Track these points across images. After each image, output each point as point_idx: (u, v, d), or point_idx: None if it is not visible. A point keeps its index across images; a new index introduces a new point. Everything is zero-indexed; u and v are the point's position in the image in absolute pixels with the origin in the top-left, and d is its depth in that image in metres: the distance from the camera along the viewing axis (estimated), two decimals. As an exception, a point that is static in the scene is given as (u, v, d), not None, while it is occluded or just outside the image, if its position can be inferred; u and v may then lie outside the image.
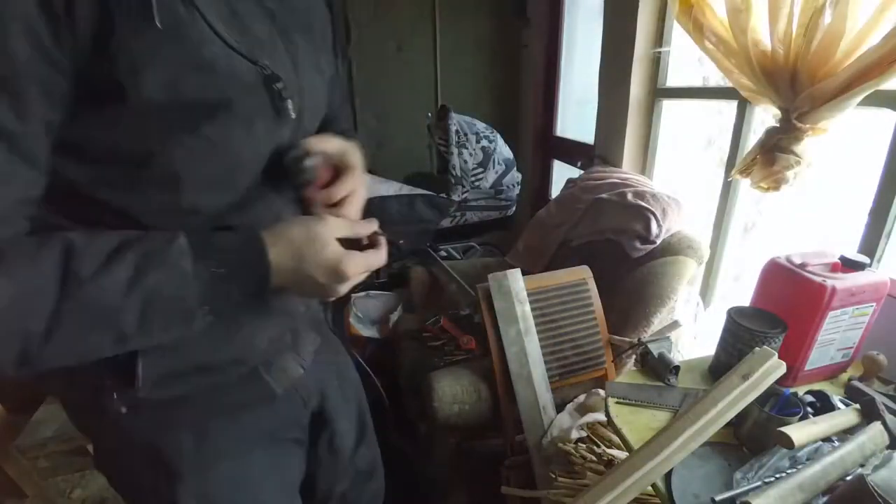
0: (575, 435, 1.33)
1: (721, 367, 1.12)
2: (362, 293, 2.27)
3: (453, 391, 1.48)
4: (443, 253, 2.41)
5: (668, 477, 0.87)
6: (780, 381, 1.07)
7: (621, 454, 1.17)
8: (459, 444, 1.59)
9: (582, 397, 1.44)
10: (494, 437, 1.54)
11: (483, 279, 1.44)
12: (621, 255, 1.69)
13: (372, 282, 2.37)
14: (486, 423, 1.51)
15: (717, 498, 0.83)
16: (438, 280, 2.13)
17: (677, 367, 1.10)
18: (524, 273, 1.46)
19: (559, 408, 1.43)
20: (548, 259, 2.01)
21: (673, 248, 1.60)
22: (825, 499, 0.78)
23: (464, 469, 1.62)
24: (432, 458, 1.67)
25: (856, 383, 1.06)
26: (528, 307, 1.41)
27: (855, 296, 1.02)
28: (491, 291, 1.40)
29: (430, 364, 1.70)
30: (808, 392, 1.03)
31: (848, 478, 0.80)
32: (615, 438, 1.14)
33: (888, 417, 0.90)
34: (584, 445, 1.30)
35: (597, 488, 0.79)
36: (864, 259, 1.04)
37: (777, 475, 0.82)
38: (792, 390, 0.96)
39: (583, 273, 1.52)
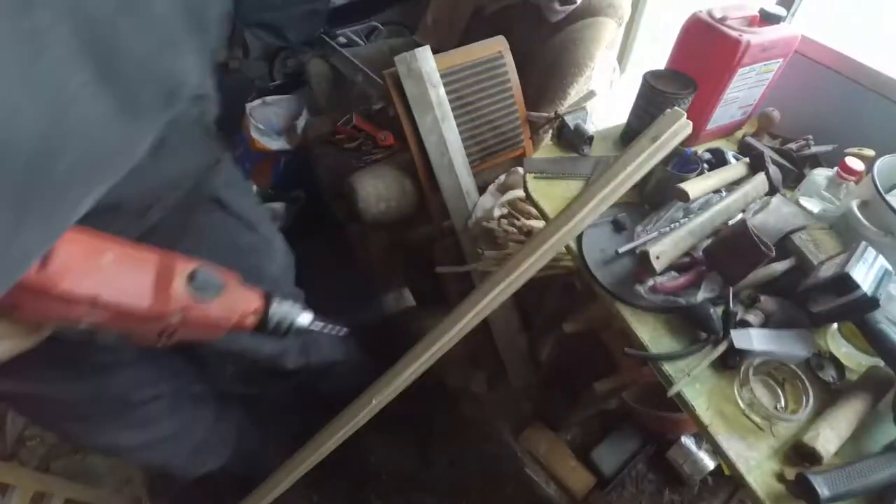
0: (497, 213, 1.40)
1: (633, 133, 1.15)
2: (256, 101, 1.99)
3: (377, 190, 1.46)
4: (342, 39, 2.08)
5: (579, 237, 0.96)
6: (683, 142, 1.13)
7: (539, 224, 1.26)
8: (391, 237, 1.65)
9: (502, 177, 1.48)
10: (423, 227, 1.60)
11: (392, 65, 1.28)
12: (538, 21, 1.55)
13: (265, 86, 2.07)
14: (414, 215, 1.55)
15: (620, 249, 0.93)
16: (342, 73, 1.89)
17: (591, 137, 1.12)
18: (435, 52, 1.31)
19: (481, 190, 1.47)
20: (460, 33, 1.81)
21: (593, 9, 1.47)
22: (710, 240, 0.90)
23: (400, 260, 1.72)
24: (368, 256, 1.74)
25: (749, 139, 1.14)
26: (442, 91, 1.31)
27: (766, 51, 1.02)
28: (400, 77, 1.26)
29: (349, 167, 1.63)
30: (707, 150, 1.10)
31: (731, 222, 0.91)
32: (534, 211, 1.21)
33: (771, 168, 0.99)
34: (505, 221, 1.39)
35: (518, 255, 0.86)
36: (781, 11, 1.02)
37: (672, 225, 0.92)
38: (693, 149, 1.02)
39: (498, 45, 1.40)
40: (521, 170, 1.27)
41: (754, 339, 0.80)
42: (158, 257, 0.53)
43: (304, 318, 0.63)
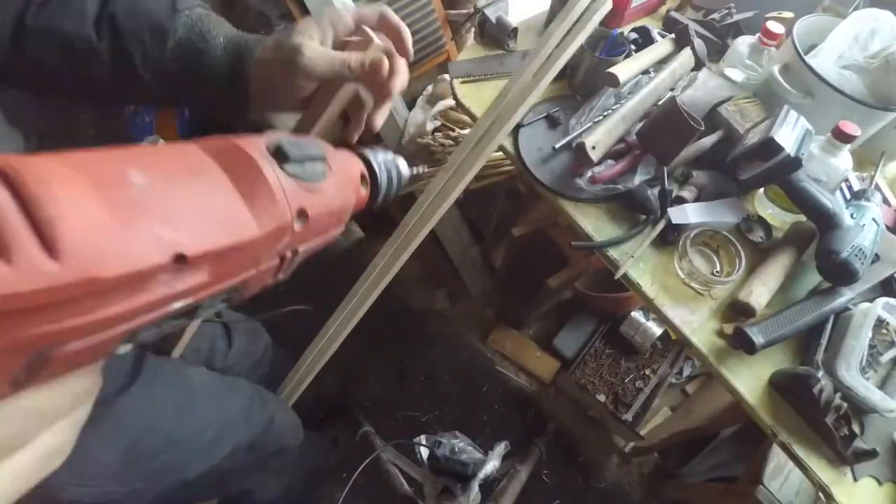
0: (430, 126, 1.34)
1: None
2: None
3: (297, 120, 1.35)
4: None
5: (515, 139, 0.93)
6: (607, 24, 1.08)
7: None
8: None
9: (429, 88, 1.40)
10: (356, 152, 1.52)
11: (284, -27, 1.13)
12: None
13: None
14: (343, 145, 1.46)
15: (557, 145, 0.92)
16: (233, -11, 1.66)
17: (515, 29, 1.06)
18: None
19: (410, 105, 1.39)
20: (359, -74, 1.60)
21: None
22: (642, 123, 0.90)
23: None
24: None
25: (673, 14, 1.11)
26: (349, -2, 1.18)
27: None
28: (299, -13, 1.12)
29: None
30: (633, 30, 1.06)
31: (661, 102, 0.91)
32: (468, 119, 1.16)
33: (696, 42, 0.98)
34: (440, 134, 1.34)
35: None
36: None
37: (605, 113, 0.91)
38: (619, 30, 0.98)
39: (402, -64, 1.25)
40: (447, 76, 1.20)
41: (689, 213, 0.84)
42: (205, 146, 0.32)
43: (402, 163, 0.48)
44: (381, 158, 0.45)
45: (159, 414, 0.71)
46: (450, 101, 1.32)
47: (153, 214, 0.25)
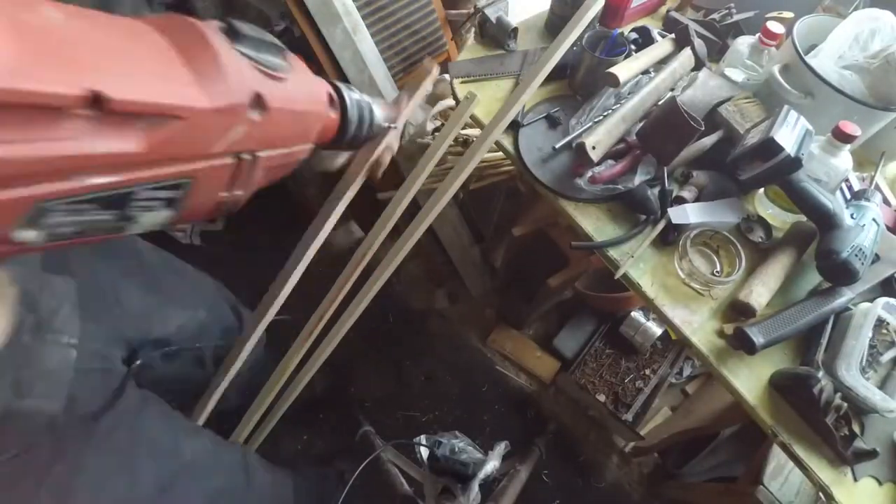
0: (430, 127, 1.34)
1: (557, 20, 1.09)
2: None
3: (298, 120, 1.35)
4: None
5: (515, 139, 0.93)
6: (608, 24, 1.08)
7: (476, 132, 1.22)
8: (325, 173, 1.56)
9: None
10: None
11: (285, -27, 1.13)
12: None
13: None
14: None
15: (557, 145, 0.92)
16: (233, -10, 1.66)
17: (515, 30, 1.06)
18: (332, -48, 1.15)
19: (410, 105, 1.39)
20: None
21: None
22: (643, 123, 0.90)
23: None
24: (305, 196, 1.66)
25: (673, 14, 1.11)
26: (349, -2, 1.18)
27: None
28: (299, -13, 1.12)
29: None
30: (633, 30, 1.07)
31: (661, 102, 0.91)
32: (467, 119, 1.16)
33: (696, 42, 0.98)
34: (440, 134, 1.34)
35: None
36: None
37: (605, 113, 0.91)
38: (619, 30, 0.98)
39: (402, -64, 1.24)
40: (447, 76, 1.20)
41: (690, 213, 0.84)
42: (148, 20, 0.27)
43: (378, 109, 0.47)
44: (356, 96, 0.45)
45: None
46: (450, 101, 1.32)
47: (67, 48, 0.20)
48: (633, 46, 1.00)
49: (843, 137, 0.79)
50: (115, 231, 0.24)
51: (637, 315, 1.48)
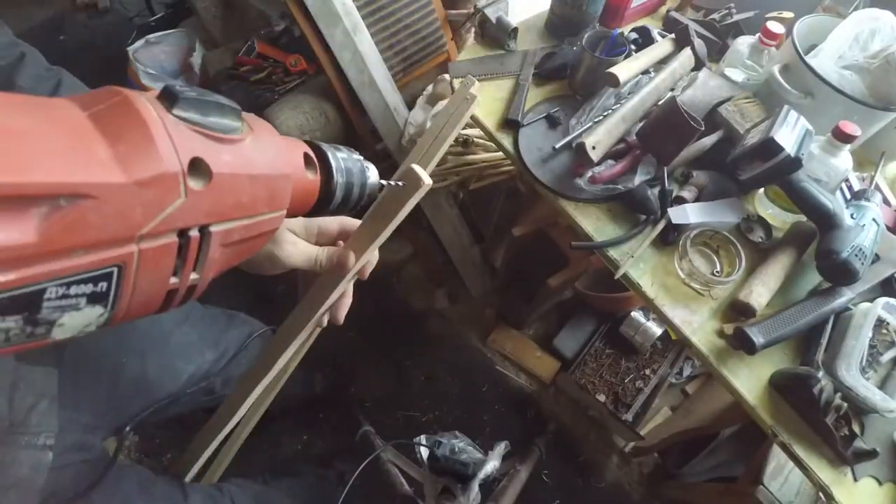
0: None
1: (557, 21, 1.09)
2: (138, 42, 1.72)
3: (298, 122, 1.35)
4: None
5: (515, 139, 0.93)
6: (608, 24, 1.08)
7: (476, 132, 1.22)
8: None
9: (430, 87, 1.40)
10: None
11: (285, -27, 1.13)
12: None
13: (145, 22, 1.79)
14: (342, 143, 1.46)
15: (557, 145, 0.92)
16: (233, -9, 1.66)
17: (515, 29, 1.06)
18: (332, -48, 1.15)
19: (410, 105, 1.39)
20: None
21: None
22: (643, 123, 0.90)
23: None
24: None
25: (673, 14, 1.12)
26: (349, -2, 1.18)
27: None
28: (299, -13, 1.12)
29: (262, 100, 1.49)
30: (633, 30, 1.07)
31: (661, 102, 0.91)
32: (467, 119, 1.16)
33: (696, 42, 0.98)
34: (440, 134, 1.34)
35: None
36: None
37: (605, 113, 0.91)
38: (619, 30, 0.98)
39: (402, -64, 1.25)
40: (447, 76, 1.20)
41: (690, 213, 0.84)
42: (74, 97, 0.25)
43: (372, 169, 0.42)
44: (343, 155, 0.40)
45: None
46: (450, 101, 1.32)
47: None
48: (633, 46, 1.00)
49: (843, 137, 0.79)
50: (35, 339, 0.21)
51: (637, 315, 1.48)
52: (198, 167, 0.25)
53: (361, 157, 0.41)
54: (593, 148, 0.84)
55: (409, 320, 1.67)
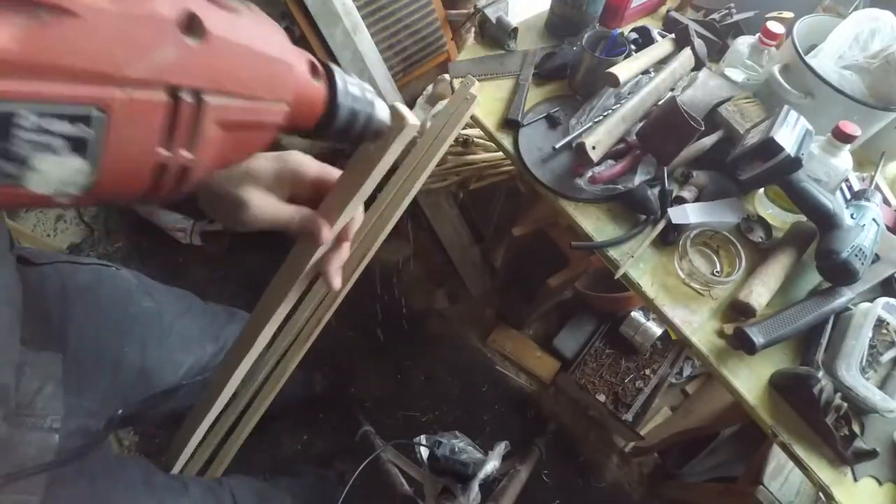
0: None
1: (557, 21, 1.09)
2: None
3: (298, 120, 1.35)
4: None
5: (515, 139, 0.93)
6: (608, 24, 1.08)
7: (476, 131, 1.22)
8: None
9: (430, 88, 1.40)
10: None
11: (284, -27, 1.13)
12: None
13: None
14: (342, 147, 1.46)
15: (557, 145, 0.92)
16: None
17: (515, 29, 1.06)
18: (332, -48, 1.15)
19: (410, 105, 1.39)
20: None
21: None
22: (643, 123, 0.90)
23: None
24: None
25: (673, 14, 1.12)
26: (349, -2, 1.18)
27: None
28: (299, -13, 1.12)
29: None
30: (633, 30, 1.07)
31: (661, 102, 0.91)
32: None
33: (696, 42, 0.98)
34: (440, 134, 1.34)
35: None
36: None
37: (605, 113, 0.91)
38: (619, 30, 0.98)
39: (402, -64, 1.25)
40: (447, 77, 1.20)
41: (690, 213, 0.84)
42: None
43: (380, 103, 0.39)
44: (354, 80, 0.37)
45: None
46: (450, 101, 1.32)
47: None
48: (633, 46, 0.99)
49: (843, 137, 0.79)
50: (8, 181, 0.19)
51: (637, 315, 1.48)
52: (193, 24, 0.23)
53: (373, 91, 0.38)
54: (593, 148, 0.84)
55: (409, 320, 1.67)
